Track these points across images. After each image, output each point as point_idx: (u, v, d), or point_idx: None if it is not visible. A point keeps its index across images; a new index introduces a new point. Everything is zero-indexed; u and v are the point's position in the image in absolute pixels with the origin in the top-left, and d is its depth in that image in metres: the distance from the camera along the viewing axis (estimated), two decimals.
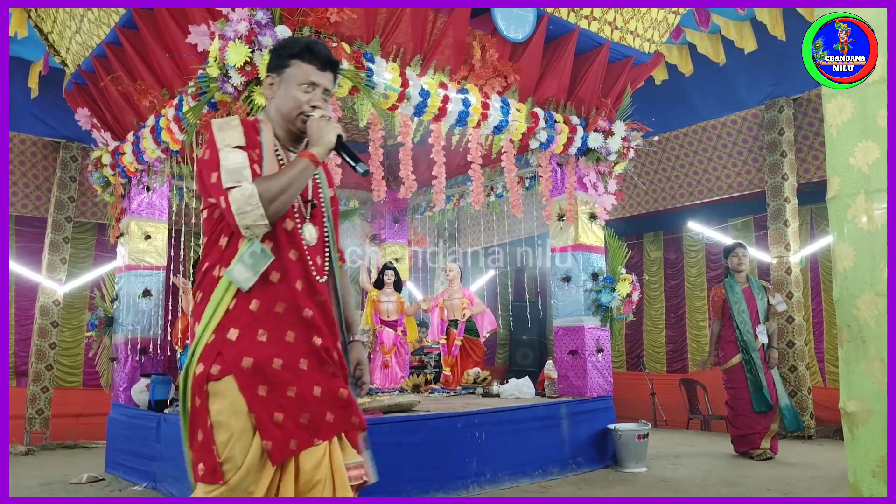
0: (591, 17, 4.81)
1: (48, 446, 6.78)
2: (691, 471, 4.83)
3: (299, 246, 1.77)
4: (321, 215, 1.87)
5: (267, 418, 1.63)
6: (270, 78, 1.85)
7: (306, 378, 1.71)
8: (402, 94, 4.04)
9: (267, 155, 1.76)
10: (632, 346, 9.20)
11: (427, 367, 6.78)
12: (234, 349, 1.65)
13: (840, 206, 2.38)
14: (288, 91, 1.81)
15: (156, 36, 4.35)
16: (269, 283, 1.71)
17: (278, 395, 1.66)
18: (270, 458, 1.61)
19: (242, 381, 1.63)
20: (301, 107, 1.81)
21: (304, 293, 1.75)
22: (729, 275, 5.58)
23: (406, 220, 7.87)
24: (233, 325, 1.67)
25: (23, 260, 7.41)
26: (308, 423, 1.68)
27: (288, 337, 1.71)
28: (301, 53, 1.82)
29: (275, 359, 1.67)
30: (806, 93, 6.83)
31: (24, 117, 7.06)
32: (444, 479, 4.07)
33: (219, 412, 1.63)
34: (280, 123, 1.84)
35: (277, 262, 1.72)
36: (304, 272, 1.77)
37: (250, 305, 1.69)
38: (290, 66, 1.82)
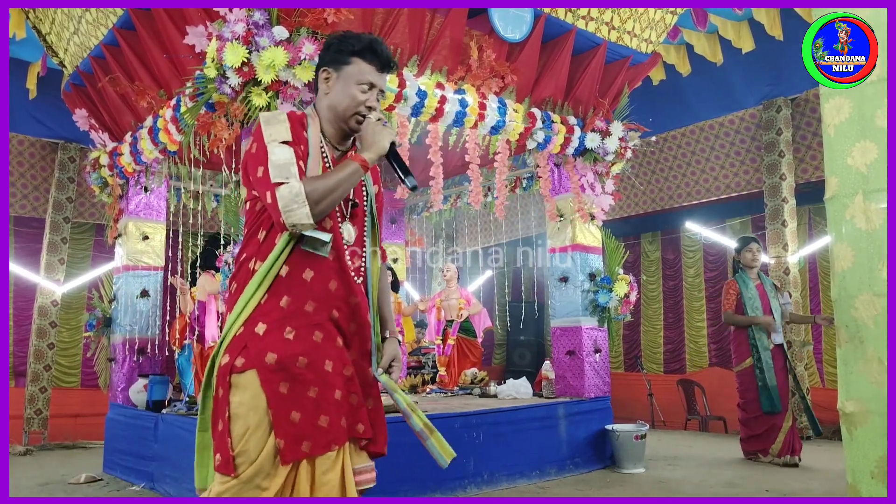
0: (588, 18, 4.82)
1: (46, 446, 6.77)
2: (689, 472, 4.83)
3: (338, 245, 1.75)
4: (363, 214, 1.84)
5: (284, 416, 1.62)
6: (326, 72, 1.81)
7: (329, 380, 1.69)
8: (400, 95, 4.04)
9: (312, 151, 1.74)
10: (630, 346, 9.20)
11: (425, 367, 6.78)
12: (261, 344, 1.64)
13: (838, 206, 2.38)
14: (346, 89, 1.78)
15: (153, 37, 4.34)
16: (302, 281, 1.69)
17: (299, 394, 1.64)
18: (281, 457, 1.60)
19: (265, 376, 1.62)
20: (358, 106, 1.78)
21: (338, 294, 1.73)
22: (740, 270, 5.35)
23: (403, 220, 7.86)
24: (262, 320, 1.66)
25: (21, 260, 7.40)
26: (327, 426, 1.66)
27: (315, 337, 1.69)
28: (363, 52, 1.78)
29: (300, 357, 1.66)
30: (804, 93, 6.84)
31: (23, 118, 7.05)
32: (441, 480, 4.06)
33: (238, 404, 1.62)
34: (331, 120, 1.81)
35: (313, 261, 1.70)
36: (340, 272, 1.75)
37: (281, 302, 1.68)
38: (350, 63, 1.78)
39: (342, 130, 1.83)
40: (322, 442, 1.65)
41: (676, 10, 5.27)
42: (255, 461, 1.60)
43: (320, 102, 1.84)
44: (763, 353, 5.05)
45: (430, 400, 5.37)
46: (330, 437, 1.66)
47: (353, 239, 1.80)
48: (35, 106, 6.96)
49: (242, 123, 3.63)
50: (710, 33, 6.70)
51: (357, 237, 1.81)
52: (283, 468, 1.61)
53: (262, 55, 3.36)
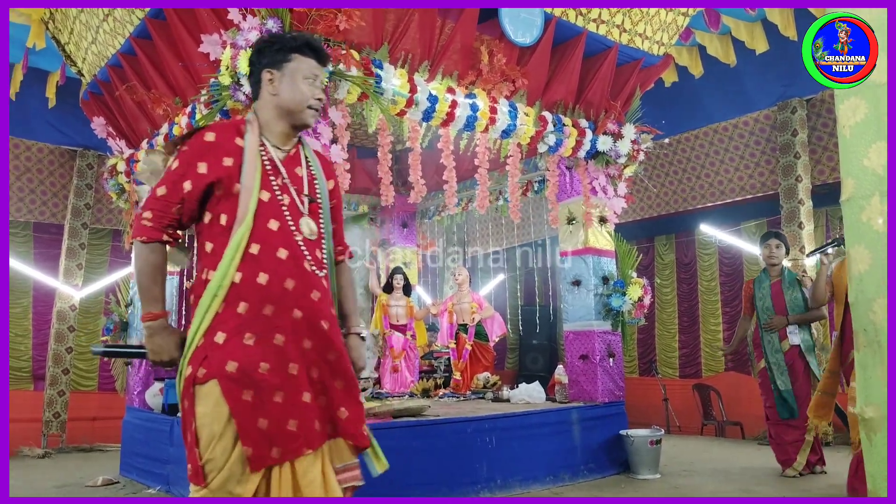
0: (599, 21, 4.81)
1: (64, 449, 6.86)
2: (705, 478, 4.78)
3: (291, 244, 1.75)
4: (318, 208, 1.86)
5: (250, 424, 1.62)
6: (270, 73, 1.84)
7: (295, 383, 1.69)
8: (411, 100, 4.06)
9: (249, 157, 1.75)
10: (644, 350, 9.14)
11: (437, 371, 6.78)
12: (221, 353, 1.65)
13: (855, 207, 2.35)
14: (294, 85, 1.81)
15: (169, 45, 4.39)
16: (257, 286, 1.70)
17: (264, 400, 1.64)
18: (250, 464, 1.61)
19: (225, 385, 1.63)
20: (310, 99, 1.83)
21: (297, 292, 1.73)
22: (765, 268, 5.00)
23: (415, 224, 7.88)
24: (220, 329, 1.67)
25: (40, 266, 7.50)
26: (297, 429, 1.66)
27: (277, 340, 1.69)
28: (302, 48, 1.84)
29: (261, 363, 1.66)
30: (819, 93, 6.77)
31: (42, 126, 7.18)
32: (455, 485, 4.06)
33: (203, 415, 1.63)
34: (279, 117, 1.83)
35: (266, 264, 1.71)
36: (297, 269, 1.75)
37: (238, 309, 1.68)
38: (291, 60, 1.83)
39: (289, 129, 1.85)
40: (292, 447, 1.65)
41: (688, 12, 5.24)
42: (223, 469, 1.61)
43: (264, 105, 1.85)
44: (774, 356, 4.75)
45: (442, 404, 5.36)
46: (300, 440, 1.66)
47: (314, 234, 1.81)
48: (54, 114, 7.08)
49: None
50: (722, 34, 6.66)
51: (318, 231, 1.83)
52: (253, 475, 1.62)
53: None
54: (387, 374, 6.37)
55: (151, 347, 1.70)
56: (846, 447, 6.12)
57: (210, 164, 1.73)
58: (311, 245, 1.80)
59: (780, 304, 4.82)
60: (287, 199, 1.79)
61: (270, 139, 1.83)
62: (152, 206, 1.73)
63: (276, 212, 1.75)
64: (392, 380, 6.34)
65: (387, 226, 7.78)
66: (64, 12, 5.17)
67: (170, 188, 1.72)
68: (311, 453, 1.68)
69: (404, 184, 6.25)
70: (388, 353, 6.40)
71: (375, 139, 4.39)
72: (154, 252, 1.72)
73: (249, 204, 1.71)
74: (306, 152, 1.91)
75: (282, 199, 1.77)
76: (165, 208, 1.72)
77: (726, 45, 6.71)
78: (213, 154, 1.74)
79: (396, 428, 3.96)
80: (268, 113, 1.84)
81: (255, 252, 1.71)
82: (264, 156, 1.79)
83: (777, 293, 4.85)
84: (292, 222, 1.77)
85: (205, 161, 1.73)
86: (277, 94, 1.82)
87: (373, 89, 3.81)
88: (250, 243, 1.71)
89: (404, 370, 6.38)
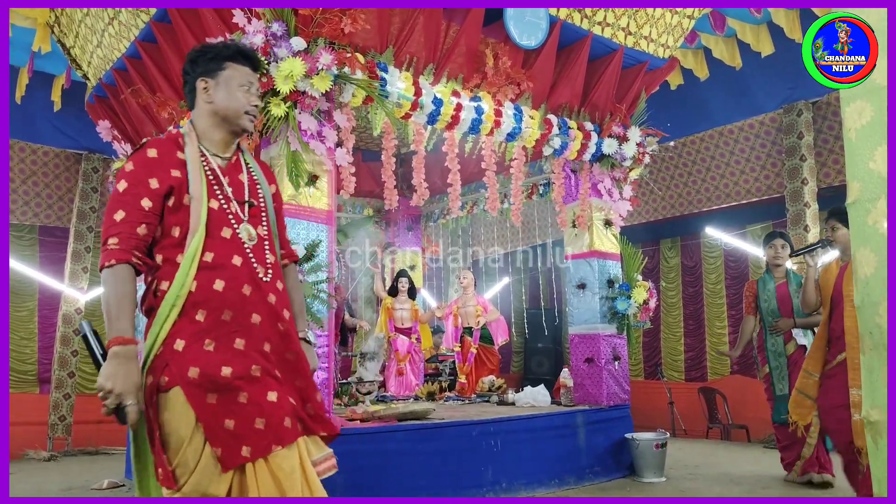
0: (604, 23, 4.81)
1: (70, 452, 6.87)
2: (711, 481, 4.76)
3: (241, 251, 1.79)
4: (260, 213, 1.88)
5: (217, 426, 1.65)
6: (205, 82, 1.85)
7: (260, 384, 1.72)
8: (416, 103, 4.06)
9: (192, 169, 1.78)
10: (649, 353, 9.11)
11: (442, 374, 6.77)
12: (182, 359, 1.67)
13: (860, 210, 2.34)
14: (230, 92, 1.84)
15: (174, 49, 4.41)
16: (214, 293, 1.72)
17: (229, 401, 1.68)
18: (221, 464, 1.64)
19: (189, 391, 1.65)
20: (246, 106, 1.86)
21: (253, 297, 1.77)
22: (767, 269, 4.87)
23: (420, 227, 7.88)
24: (179, 336, 1.69)
25: (46, 269, 7.53)
26: (265, 427, 1.69)
27: (237, 344, 1.72)
28: (235, 56, 1.87)
29: (223, 367, 1.68)
30: (825, 96, 6.75)
31: (47, 130, 7.21)
32: (459, 488, 4.05)
33: (168, 421, 1.66)
34: (217, 126, 1.86)
35: (221, 271, 1.74)
36: (251, 275, 1.78)
37: (197, 316, 1.70)
38: (225, 68, 1.85)
39: (228, 136, 1.88)
40: (262, 444, 1.68)
41: (693, 15, 5.24)
42: (194, 471, 1.64)
43: (201, 114, 1.87)
44: (777, 360, 4.66)
45: (447, 407, 5.35)
46: (270, 437, 1.69)
47: (253, 239, 1.83)
48: (59, 118, 7.11)
49: (262, 133, 3.67)
50: (728, 37, 6.65)
51: (259, 236, 1.85)
52: (221, 476, 1.65)
53: (280, 66, 3.40)
54: (392, 378, 6.36)
55: (109, 371, 1.60)
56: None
57: (160, 177, 1.74)
58: (256, 250, 1.83)
59: (786, 307, 4.68)
60: (233, 206, 1.82)
61: (210, 148, 1.86)
62: (116, 231, 1.70)
63: (225, 220, 1.79)
64: (397, 383, 6.34)
65: (391, 229, 7.79)
66: (69, 16, 5.20)
67: (128, 210, 1.71)
68: (281, 449, 1.71)
69: (409, 187, 6.25)
70: (392, 357, 6.40)
71: (380, 142, 4.40)
72: (123, 276, 1.69)
73: (200, 214, 1.74)
74: (246, 158, 1.94)
75: (228, 208, 1.80)
76: (130, 230, 1.70)
77: (732, 48, 6.70)
78: (160, 168, 1.75)
79: (401, 431, 3.95)
80: (205, 121, 1.86)
81: (210, 260, 1.73)
82: (206, 165, 1.82)
83: (784, 296, 4.71)
84: (236, 229, 1.80)
85: (154, 176, 1.74)
86: (213, 101, 1.85)
87: (377, 92, 3.81)
88: (204, 252, 1.73)
89: (409, 373, 6.38)
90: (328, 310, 3.70)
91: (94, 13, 4.84)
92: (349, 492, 3.58)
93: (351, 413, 4.18)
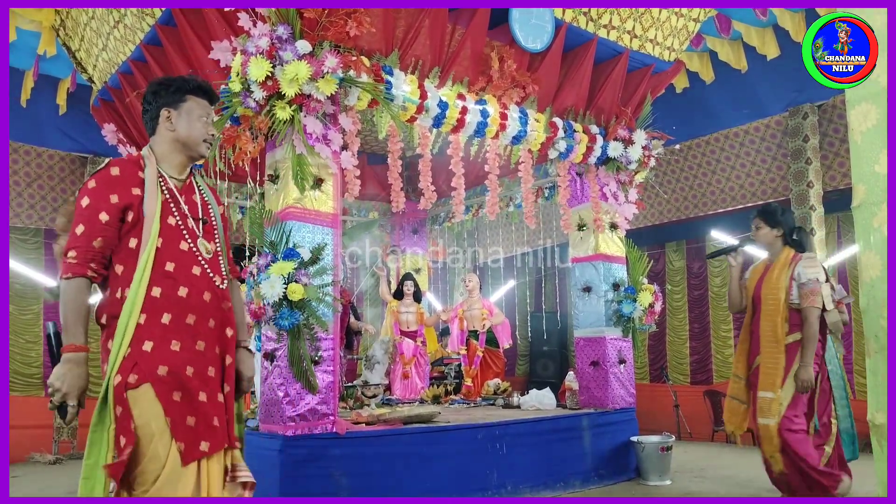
0: (609, 26, 4.81)
1: (75, 455, 6.88)
2: (716, 484, 4.75)
3: (199, 263, 1.98)
4: (213, 230, 2.08)
5: (181, 422, 1.83)
6: (168, 112, 2.04)
7: (213, 385, 1.93)
8: (421, 106, 4.07)
9: (149, 187, 1.95)
10: (655, 357, 9.09)
11: (447, 377, 6.76)
12: (150, 359, 1.84)
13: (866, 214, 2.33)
14: (191, 123, 2.03)
15: (179, 52, 4.43)
16: (179, 298, 1.91)
17: (191, 399, 1.86)
18: (182, 459, 1.80)
19: (158, 388, 1.82)
20: (205, 135, 2.05)
21: (212, 304, 1.97)
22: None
23: (425, 230, 7.88)
24: (147, 338, 1.85)
25: (51, 273, 7.55)
26: (218, 426, 1.90)
27: (198, 346, 1.92)
28: (196, 90, 2.06)
29: (188, 367, 1.87)
30: (831, 99, 6.73)
31: (52, 133, 7.23)
32: (465, 491, 4.05)
33: (140, 416, 1.81)
34: (177, 151, 2.04)
35: (183, 279, 1.92)
36: (209, 284, 1.98)
37: (163, 319, 1.88)
38: (187, 100, 2.04)
39: (185, 160, 2.06)
40: (217, 441, 1.89)
41: (699, 18, 5.24)
42: (164, 465, 1.79)
43: (161, 140, 2.05)
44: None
45: (452, 410, 5.35)
46: (221, 435, 1.91)
47: (210, 253, 2.02)
48: (64, 121, 7.12)
49: (267, 136, 3.69)
50: (733, 40, 6.65)
51: (214, 251, 2.05)
52: (188, 469, 1.81)
53: (286, 69, 3.41)
54: (397, 381, 6.36)
55: (60, 372, 1.81)
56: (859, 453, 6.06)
57: (120, 194, 1.91)
58: (212, 262, 2.03)
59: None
60: (189, 223, 2.01)
61: (167, 171, 2.03)
62: (75, 245, 1.86)
63: (181, 235, 1.98)
64: (402, 386, 6.33)
65: (397, 232, 7.79)
66: (75, 19, 5.23)
67: (87, 224, 1.87)
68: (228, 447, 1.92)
69: (414, 190, 6.25)
70: (398, 360, 6.40)
71: (386, 145, 4.41)
72: (79, 288, 1.86)
73: (153, 228, 1.91)
74: (197, 180, 2.14)
75: (183, 224, 1.99)
76: (87, 243, 1.86)
77: (737, 51, 6.69)
78: (122, 185, 1.92)
79: (407, 434, 3.95)
80: (165, 147, 2.04)
81: (171, 270, 1.91)
82: (164, 185, 2.00)
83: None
84: (192, 243, 1.99)
85: (115, 192, 1.90)
86: (175, 130, 2.03)
87: (383, 95, 3.82)
88: (165, 262, 1.91)
89: (415, 376, 6.37)
90: (333, 313, 3.71)
91: (100, 16, 4.86)
92: (355, 494, 3.59)
93: (356, 416, 4.18)
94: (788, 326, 3.55)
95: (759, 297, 3.64)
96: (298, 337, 3.52)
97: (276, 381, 3.58)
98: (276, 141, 3.73)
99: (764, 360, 3.54)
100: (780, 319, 3.54)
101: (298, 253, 3.54)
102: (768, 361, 3.55)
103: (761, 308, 3.58)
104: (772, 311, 3.58)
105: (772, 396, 3.55)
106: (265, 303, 3.46)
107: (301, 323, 3.50)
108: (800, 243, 3.75)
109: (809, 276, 3.54)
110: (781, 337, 3.54)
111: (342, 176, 3.94)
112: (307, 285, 3.49)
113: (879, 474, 2.22)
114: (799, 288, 3.55)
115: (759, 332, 3.58)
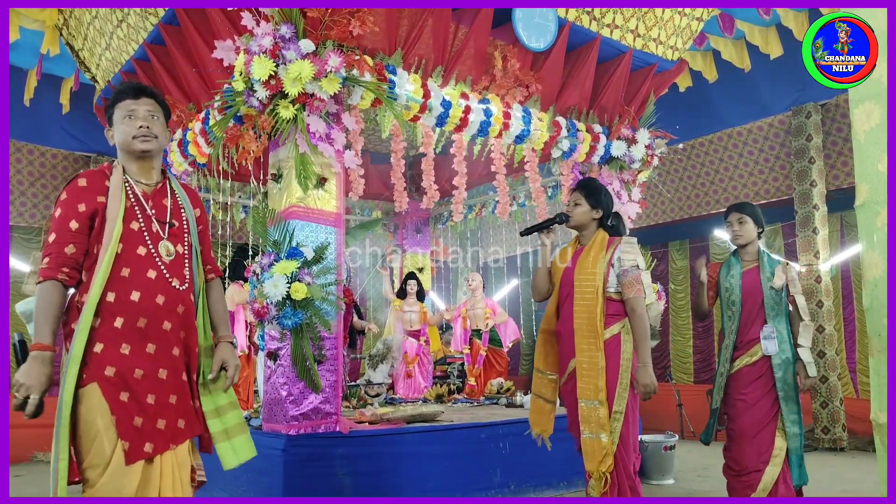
0: (612, 26, 4.80)
1: None
2: (719, 483, 4.73)
3: (156, 266, 2.03)
4: (182, 233, 2.14)
5: (127, 421, 1.89)
6: (108, 129, 2.16)
7: (164, 387, 1.98)
8: (424, 106, 4.07)
9: (112, 194, 2.04)
10: (658, 356, 9.08)
11: (450, 376, 6.77)
12: (99, 360, 1.92)
13: (869, 213, 2.33)
14: (119, 129, 2.11)
15: (183, 51, 4.44)
16: (130, 303, 1.96)
17: (138, 401, 1.92)
18: (126, 458, 1.86)
19: (105, 387, 1.89)
20: (131, 133, 2.09)
21: (166, 306, 2.02)
22: (736, 251, 3.68)
23: (428, 229, 7.89)
24: (99, 340, 1.93)
25: None
26: (164, 428, 1.95)
27: (149, 349, 1.98)
28: (115, 99, 2.13)
29: (136, 369, 1.94)
30: (834, 98, 6.72)
31: (56, 132, 7.25)
32: (468, 490, 4.05)
33: (86, 412, 1.89)
34: (127, 157, 2.13)
35: (137, 283, 1.98)
36: (165, 288, 2.03)
37: (115, 323, 1.95)
38: (114, 112, 2.13)
39: (137, 162, 2.12)
40: (161, 442, 1.93)
41: (702, 17, 5.23)
42: (109, 463, 1.86)
43: (117, 151, 2.15)
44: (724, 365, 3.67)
45: (455, 410, 5.35)
46: (168, 437, 1.95)
47: (172, 255, 2.08)
48: (68, 120, 7.15)
49: (270, 136, 3.69)
50: (737, 39, 6.64)
51: (178, 253, 2.10)
52: (132, 467, 1.87)
53: (289, 68, 3.42)
54: (400, 380, 6.37)
55: (26, 370, 1.88)
56: (861, 453, 6.06)
57: (86, 202, 2.01)
58: (173, 265, 2.07)
59: (754, 301, 3.48)
60: (154, 226, 2.07)
61: (133, 176, 2.12)
62: (48, 251, 1.98)
63: (142, 239, 2.03)
64: (405, 385, 6.34)
65: (400, 231, 7.80)
66: (78, 18, 5.24)
67: (58, 232, 1.98)
68: (175, 447, 1.96)
69: (418, 189, 6.26)
70: (401, 359, 6.40)
71: (389, 144, 4.41)
72: (51, 291, 1.94)
73: (113, 233, 1.97)
74: (173, 185, 2.20)
75: (146, 228, 2.05)
76: (59, 249, 1.96)
77: (741, 50, 6.68)
78: (88, 194, 2.02)
79: (410, 433, 3.96)
80: (120, 156, 2.15)
81: (126, 275, 1.97)
82: (129, 190, 2.07)
83: (751, 285, 3.51)
84: (153, 247, 2.05)
85: (82, 201, 2.01)
86: (115, 142, 2.14)
87: (386, 95, 3.82)
88: (121, 267, 1.97)
89: (418, 376, 6.38)
90: (336, 312, 3.71)
91: (103, 16, 4.87)
92: (358, 494, 3.60)
93: (360, 415, 4.19)
94: (606, 318, 2.98)
95: (569, 284, 3.05)
96: (302, 336, 3.53)
97: (279, 380, 3.58)
98: (280, 140, 3.74)
99: (580, 360, 2.98)
100: (598, 311, 2.95)
101: (302, 252, 3.55)
102: (585, 361, 2.98)
103: (574, 297, 3.00)
104: (588, 301, 2.97)
105: (597, 405, 3.01)
106: (268, 302, 3.47)
107: (304, 322, 3.51)
108: (616, 230, 3.19)
109: (630, 262, 2.99)
110: (600, 332, 2.95)
111: (345, 175, 3.94)
112: (310, 284, 3.49)
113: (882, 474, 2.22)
114: (619, 276, 2.97)
115: (573, 326, 2.98)
